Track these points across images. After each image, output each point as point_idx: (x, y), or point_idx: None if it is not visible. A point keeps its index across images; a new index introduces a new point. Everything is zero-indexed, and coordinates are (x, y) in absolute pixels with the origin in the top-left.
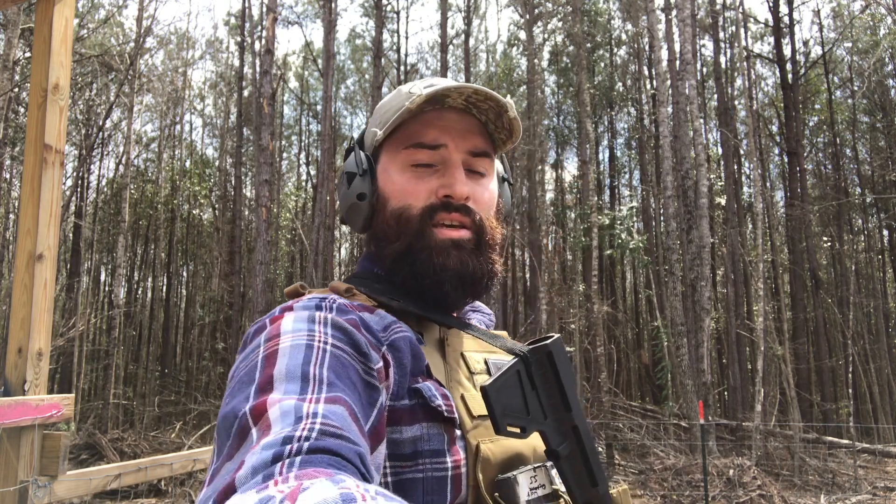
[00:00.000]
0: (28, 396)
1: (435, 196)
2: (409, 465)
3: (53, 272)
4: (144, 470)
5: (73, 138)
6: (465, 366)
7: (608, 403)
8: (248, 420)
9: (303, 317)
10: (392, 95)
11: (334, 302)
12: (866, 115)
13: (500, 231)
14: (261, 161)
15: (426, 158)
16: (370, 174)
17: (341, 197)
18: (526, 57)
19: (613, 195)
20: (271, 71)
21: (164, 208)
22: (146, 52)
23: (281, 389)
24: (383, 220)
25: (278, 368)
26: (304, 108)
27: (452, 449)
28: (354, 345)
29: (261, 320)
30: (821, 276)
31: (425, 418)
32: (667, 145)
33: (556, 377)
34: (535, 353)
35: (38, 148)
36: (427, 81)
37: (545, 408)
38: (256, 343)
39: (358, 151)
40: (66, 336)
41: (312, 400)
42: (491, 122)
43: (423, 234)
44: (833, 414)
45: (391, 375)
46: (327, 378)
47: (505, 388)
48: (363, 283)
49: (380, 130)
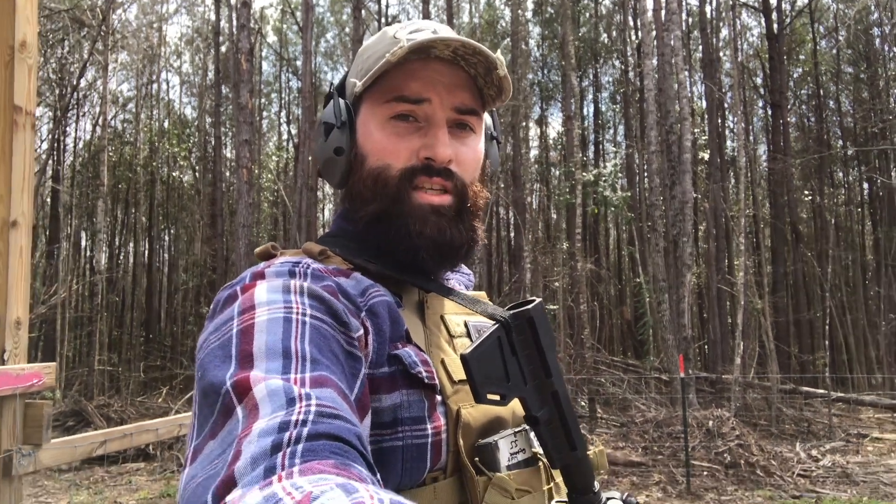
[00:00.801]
0: (8, 366)
1: (416, 157)
2: (389, 432)
3: (30, 239)
4: (130, 436)
5: (46, 99)
6: (445, 329)
7: (590, 359)
8: (232, 396)
9: (277, 286)
10: (376, 38)
11: (308, 267)
12: (850, 66)
13: (483, 195)
14: (240, 120)
15: (408, 112)
16: (349, 127)
17: (318, 149)
18: (510, 7)
19: (598, 151)
20: (248, 25)
21: (144, 171)
22: (119, 6)
23: (262, 367)
24: (360, 179)
25: (257, 345)
26: (283, 64)
27: (433, 415)
28: (334, 314)
29: (230, 286)
30: (801, 229)
31: (405, 385)
32: (651, 99)
33: (536, 342)
34: (517, 319)
35: (7, 110)
36: (414, 25)
37: (525, 374)
38: (229, 314)
39: (337, 100)
40: (47, 304)
41: (298, 380)
42: (480, 76)
43: (400, 198)
44: (810, 365)
45: (370, 343)
46: (310, 354)
47: (485, 356)
48: (338, 244)
49: (359, 81)
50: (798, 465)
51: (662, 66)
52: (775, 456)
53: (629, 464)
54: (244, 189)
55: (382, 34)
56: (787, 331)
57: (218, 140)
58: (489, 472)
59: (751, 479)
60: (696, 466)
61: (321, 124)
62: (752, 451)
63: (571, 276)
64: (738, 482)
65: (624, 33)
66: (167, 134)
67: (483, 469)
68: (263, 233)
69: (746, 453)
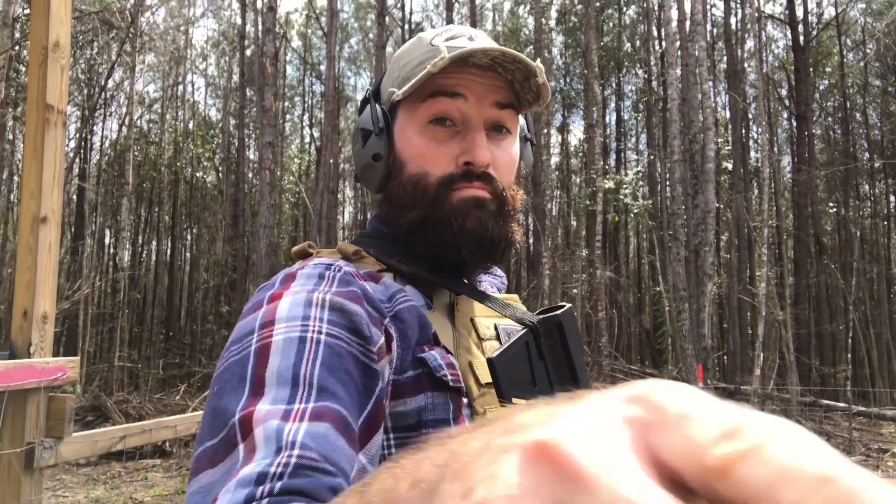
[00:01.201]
0: (33, 359)
1: (455, 164)
2: (414, 434)
3: (58, 235)
4: (149, 432)
5: (74, 98)
6: (474, 332)
7: (608, 367)
8: (237, 432)
9: (300, 300)
10: (412, 45)
11: (339, 270)
12: (878, 79)
13: (520, 196)
14: (264, 123)
15: (444, 109)
16: (387, 132)
17: (356, 154)
18: (533, 16)
19: (619, 159)
20: (274, 29)
21: (168, 171)
22: (147, 9)
23: (270, 396)
24: (399, 185)
25: (270, 369)
26: (306, 69)
27: (458, 418)
28: (353, 326)
29: (263, 289)
30: (825, 241)
31: (430, 388)
32: (675, 108)
33: (564, 349)
34: (545, 324)
35: (40, 108)
36: (450, 31)
37: (552, 380)
38: (251, 324)
39: (374, 106)
40: (71, 299)
41: (297, 415)
42: (517, 81)
43: (440, 204)
44: (831, 378)
45: (394, 349)
46: (318, 379)
47: (512, 360)
48: (373, 245)
49: (398, 89)
50: None
51: (686, 76)
52: None
53: None
54: (266, 190)
55: (419, 41)
56: (808, 343)
57: (241, 142)
58: None
59: None
60: None
61: (359, 130)
62: None
63: (590, 283)
64: None
65: (647, 43)
66: (191, 135)
67: None
68: (284, 234)
69: None
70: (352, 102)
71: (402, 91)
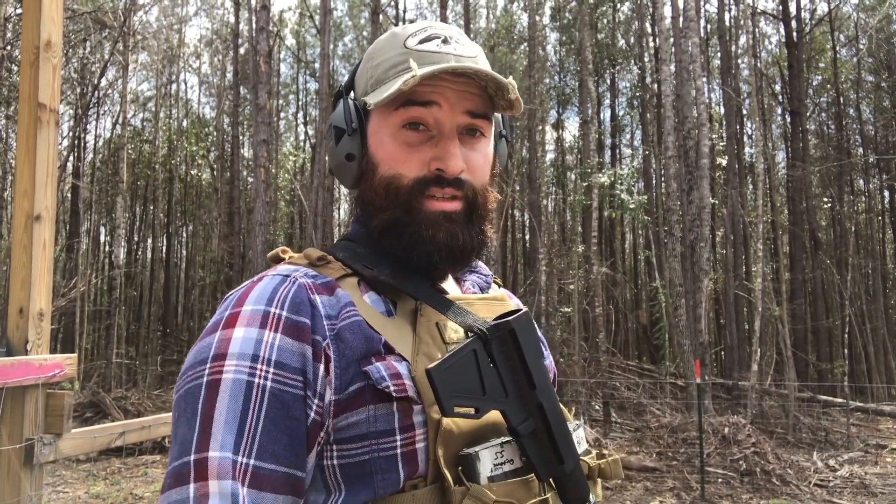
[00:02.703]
0: (31, 356)
1: (427, 168)
2: (356, 446)
3: (52, 233)
4: (148, 428)
5: (68, 97)
6: (439, 336)
7: (605, 363)
8: (191, 473)
9: (251, 335)
10: (385, 42)
11: (294, 283)
12: (871, 75)
13: (492, 198)
14: (258, 120)
15: (418, 116)
16: (360, 132)
17: (329, 151)
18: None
19: (614, 155)
20: (267, 27)
21: (163, 168)
22: (140, 8)
23: (216, 442)
24: (371, 186)
25: (218, 411)
26: (301, 67)
27: (406, 426)
28: (297, 368)
29: (222, 306)
30: (820, 237)
31: (373, 400)
32: (669, 105)
33: (519, 354)
34: (497, 330)
35: (32, 107)
36: (425, 32)
37: (506, 385)
38: (206, 353)
39: (348, 104)
40: (67, 296)
41: (240, 474)
42: (491, 87)
43: (412, 207)
44: (828, 373)
45: (331, 371)
46: (261, 433)
47: (455, 368)
48: (346, 248)
49: (370, 92)
50: (815, 475)
51: (680, 72)
52: (791, 465)
53: (643, 469)
54: (261, 188)
55: (392, 37)
56: (804, 338)
57: (236, 140)
58: (468, 483)
59: (766, 488)
60: (711, 473)
61: (332, 127)
62: (767, 460)
63: (587, 279)
64: (754, 490)
65: (641, 39)
66: (186, 133)
67: (463, 479)
68: (280, 231)
69: (762, 461)
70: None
71: (375, 102)
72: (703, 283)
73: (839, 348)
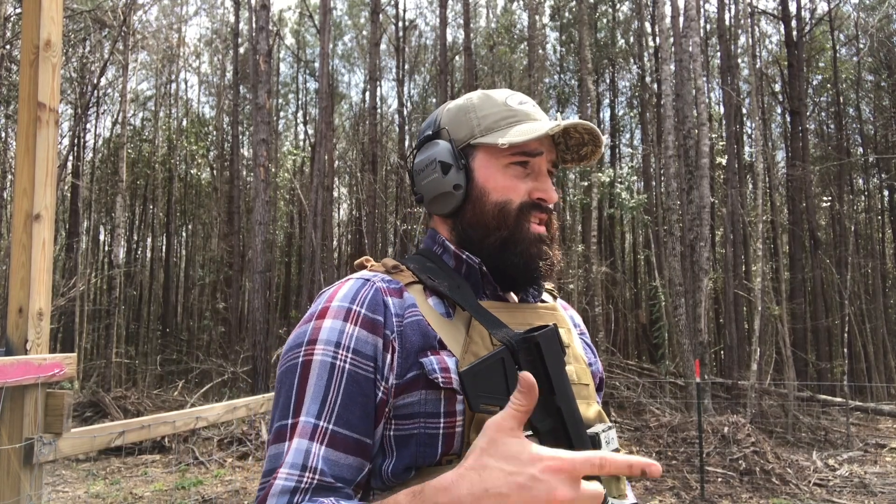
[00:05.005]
0: (30, 356)
1: (528, 195)
2: (409, 422)
3: (51, 232)
4: (148, 427)
5: (67, 97)
6: (489, 338)
7: (605, 362)
8: (287, 431)
9: (336, 326)
10: (483, 101)
11: (373, 286)
12: (871, 74)
13: (557, 224)
14: (258, 120)
15: (526, 160)
16: (465, 167)
17: (431, 182)
18: (527, 12)
19: (614, 155)
20: (267, 27)
21: (162, 168)
22: (139, 7)
23: (305, 410)
24: (483, 210)
25: (309, 385)
26: (300, 66)
27: (449, 411)
28: (370, 354)
29: (318, 298)
30: (820, 236)
31: (425, 387)
32: (668, 104)
33: (543, 365)
34: (524, 343)
35: (32, 106)
36: (515, 97)
37: None
38: (302, 338)
39: (452, 145)
40: (66, 296)
41: (320, 435)
42: (563, 143)
43: (519, 227)
44: (828, 373)
45: (395, 360)
46: (339, 405)
47: (483, 372)
48: (418, 261)
49: (486, 135)
50: (814, 474)
51: (680, 72)
52: (791, 464)
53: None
54: (261, 187)
55: (488, 98)
56: (804, 338)
57: (235, 139)
58: None
59: (766, 487)
60: (711, 472)
61: (436, 162)
62: (767, 459)
63: (586, 278)
64: (753, 489)
65: (641, 39)
66: (185, 132)
67: None
68: (279, 230)
69: (762, 460)
70: (346, 99)
71: (511, 142)
72: (703, 283)
73: (839, 348)
